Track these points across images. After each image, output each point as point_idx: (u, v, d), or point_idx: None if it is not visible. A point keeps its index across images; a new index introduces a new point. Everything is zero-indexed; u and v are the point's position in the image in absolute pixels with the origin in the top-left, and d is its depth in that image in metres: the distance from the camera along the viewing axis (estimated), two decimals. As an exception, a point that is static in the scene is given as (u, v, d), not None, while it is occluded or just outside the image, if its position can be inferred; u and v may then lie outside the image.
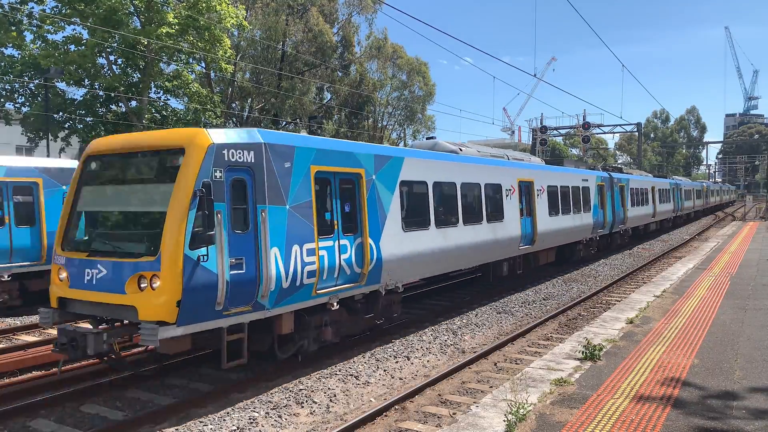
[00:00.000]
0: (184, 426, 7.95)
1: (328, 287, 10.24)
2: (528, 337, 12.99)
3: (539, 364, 9.17)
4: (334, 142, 11.23)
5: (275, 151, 9.24)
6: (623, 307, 13.57)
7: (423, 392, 9.37)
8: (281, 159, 9.33)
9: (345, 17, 49.45)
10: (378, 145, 13.84)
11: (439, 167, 13.97)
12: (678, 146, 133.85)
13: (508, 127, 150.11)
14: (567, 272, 21.93)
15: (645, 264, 24.59)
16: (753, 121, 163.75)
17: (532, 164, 20.08)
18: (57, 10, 27.35)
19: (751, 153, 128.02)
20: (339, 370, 10.33)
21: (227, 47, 30.02)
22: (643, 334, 10.78)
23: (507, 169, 17.37)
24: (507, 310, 15.58)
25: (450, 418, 8.24)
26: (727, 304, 13.49)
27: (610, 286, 19.27)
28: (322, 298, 10.18)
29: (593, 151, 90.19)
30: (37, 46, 28.18)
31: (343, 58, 49.15)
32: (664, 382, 8.03)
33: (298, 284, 9.43)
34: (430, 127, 59.23)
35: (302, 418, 8.44)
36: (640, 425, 6.57)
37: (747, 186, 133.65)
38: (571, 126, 57.72)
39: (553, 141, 57.84)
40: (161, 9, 27.59)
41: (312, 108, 46.00)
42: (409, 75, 55.17)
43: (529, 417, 6.82)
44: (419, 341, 12.35)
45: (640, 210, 32.07)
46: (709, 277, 17.77)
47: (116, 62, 29.88)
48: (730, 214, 66.87)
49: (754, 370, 8.52)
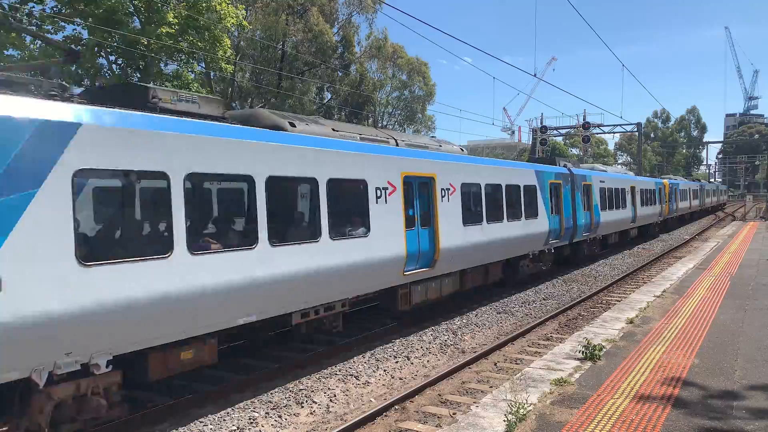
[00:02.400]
0: (184, 426, 7.95)
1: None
2: (528, 337, 13.00)
3: (539, 364, 9.16)
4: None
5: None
6: (623, 307, 13.56)
7: (423, 392, 9.38)
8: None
9: (345, 17, 49.46)
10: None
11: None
12: (678, 146, 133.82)
13: (508, 127, 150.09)
14: (567, 272, 21.92)
15: (645, 264, 24.60)
16: (753, 121, 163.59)
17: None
18: (57, 10, 27.36)
19: (751, 153, 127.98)
20: (339, 370, 10.33)
21: (227, 47, 30.02)
22: (643, 334, 10.78)
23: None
24: (507, 310, 15.58)
25: (450, 418, 8.24)
26: (728, 304, 13.48)
27: (610, 286, 19.27)
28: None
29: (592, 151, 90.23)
30: (36, 47, 28.18)
31: (343, 58, 49.12)
32: (665, 382, 8.02)
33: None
34: (430, 127, 59.33)
35: (302, 418, 8.44)
36: (641, 425, 6.57)
37: (747, 186, 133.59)
38: (571, 126, 57.64)
39: (553, 141, 57.74)
40: (161, 9, 27.60)
41: (312, 108, 46.00)
42: (409, 75, 55.20)
43: (529, 417, 6.81)
44: (419, 341, 12.35)
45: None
46: (710, 277, 17.76)
47: (116, 62, 29.88)
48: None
49: (754, 370, 8.51)
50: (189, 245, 7.83)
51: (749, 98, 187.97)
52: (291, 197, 10.30)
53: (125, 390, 7.75)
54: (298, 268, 9.56)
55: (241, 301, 8.67)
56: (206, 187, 8.87)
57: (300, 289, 9.76)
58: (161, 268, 7.45)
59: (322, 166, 10.30)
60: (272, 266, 9.06)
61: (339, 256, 10.43)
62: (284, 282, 9.31)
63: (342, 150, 10.91)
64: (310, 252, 9.84)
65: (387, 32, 52.40)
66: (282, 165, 9.47)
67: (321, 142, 10.59)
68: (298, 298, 9.88)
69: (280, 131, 10.02)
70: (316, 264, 9.91)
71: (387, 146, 12.82)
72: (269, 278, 9.00)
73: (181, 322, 7.84)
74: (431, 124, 59.56)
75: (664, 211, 38.77)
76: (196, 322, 8.12)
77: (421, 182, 13.12)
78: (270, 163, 9.21)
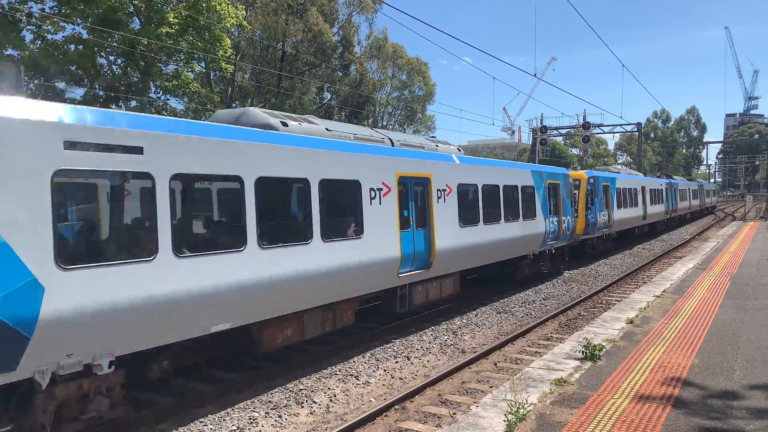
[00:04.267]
0: (184, 426, 7.95)
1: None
2: (528, 337, 12.99)
3: (539, 364, 9.16)
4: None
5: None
6: (623, 307, 13.56)
7: (423, 392, 9.38)
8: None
9: (345, 17, 49.47)
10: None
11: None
12: (678, 146, 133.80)
13: (508, 127, 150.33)
14: (567, 272, 21.94)
15: (645, 264, 24.60)
16: (753, 121, 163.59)
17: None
18: (56, 10, 27.36)
19: (751, 153, 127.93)
20: (339, 370, 10.33)
21: (227, 47, 30.03)
22: (643, 334, 10.78)
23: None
24: (507, 310, 15.57)
25: (450, 418, 8.24)
26: (728, 303, 13.48)
27: (610, 286, 19.28)
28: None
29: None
30: (36, 46, 28.19)
31: (343, 58, 49.13)
32: (665, 382, 8.02)
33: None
34: (430, 127, 59.36)
35: (302, 418, 8.44)
36: (641, 425, 6.57)
37: (747, 186, 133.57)
38: (571, 126, 57.69)
39: (553, 141, 57.72)
40: (161, 9, 27.60)
41: (312, 108, 45.99)
42: (409, 75, 55.25)
43: (529, 417, 6.81)
44: (419, 341, 12.35)
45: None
46: (710, 277, 17.76)
47: (116, 62, 29.89)
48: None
49: (754, 370, 8.51)
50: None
51: (749, 98, 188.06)
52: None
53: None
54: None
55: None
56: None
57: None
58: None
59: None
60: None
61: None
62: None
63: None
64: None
65: (387, 32, 52.51)
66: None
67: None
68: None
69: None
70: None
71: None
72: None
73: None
74: (431, 124, 59.63)
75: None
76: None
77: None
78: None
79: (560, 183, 20.73)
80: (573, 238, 22.23)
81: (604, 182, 26.02)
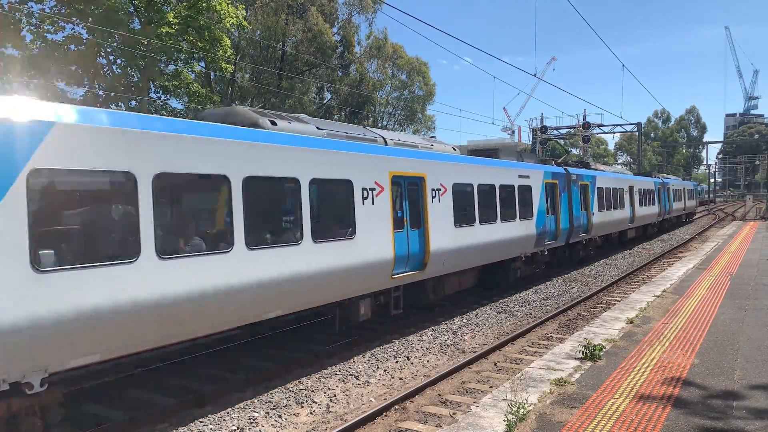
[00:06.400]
0: (184, 426, 7.95)
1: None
2: (528, 337, 12.99)
3: (539, 364, 9.16)
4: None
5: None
6: (623, 306, 13.56)
7: (423, 392, 9.38)
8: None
9: (345, 17, 49.47)
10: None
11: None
12: (678, 146, 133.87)
13: (508, 127, 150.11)
14: (567, 272, 21.93)
15: (645, 264, 24.60)
16: (753, 121, 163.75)
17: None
18: (56, 10, 27.36)
19: (751, 153, 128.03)
20: (339, 370, 10.33)
21: (227, 47, 30.02)
22: (643, 334, 10.78)
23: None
24: (507, 310, 15.58)
25: (450, 418, 8.24)
26: (728, 303, 13.48)
27: (610, 286, 19.28)
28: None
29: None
30: (36, 46, 28.19)
31: (343, 58, 49.13)
32: (665, 382, 8.02)
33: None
34: (430, 127, 59.35)
35: (302, 418, 8.44)
36: (641, 425, 6.56)
37: (747, 186, 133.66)
38: (571, 126, 57.70)
39: (553, 141, 57.74)
40: (161, 9, 27.60)
41: (312, 108, 46.01)
42: (409, 75, 55.24)
43: (529, 417, 6.81)
44: (419, 341, 12.35)
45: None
46: (709, 276, 17.76)
47: (116, 62, 29.88)
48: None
49: (754, 370, 8.51)
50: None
51: (749, 98, 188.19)
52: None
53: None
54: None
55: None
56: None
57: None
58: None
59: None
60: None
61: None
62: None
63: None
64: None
65: (387, 32, 52.51)
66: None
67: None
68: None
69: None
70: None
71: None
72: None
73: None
74: (431, 124, 59.62)
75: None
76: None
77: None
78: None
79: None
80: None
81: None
